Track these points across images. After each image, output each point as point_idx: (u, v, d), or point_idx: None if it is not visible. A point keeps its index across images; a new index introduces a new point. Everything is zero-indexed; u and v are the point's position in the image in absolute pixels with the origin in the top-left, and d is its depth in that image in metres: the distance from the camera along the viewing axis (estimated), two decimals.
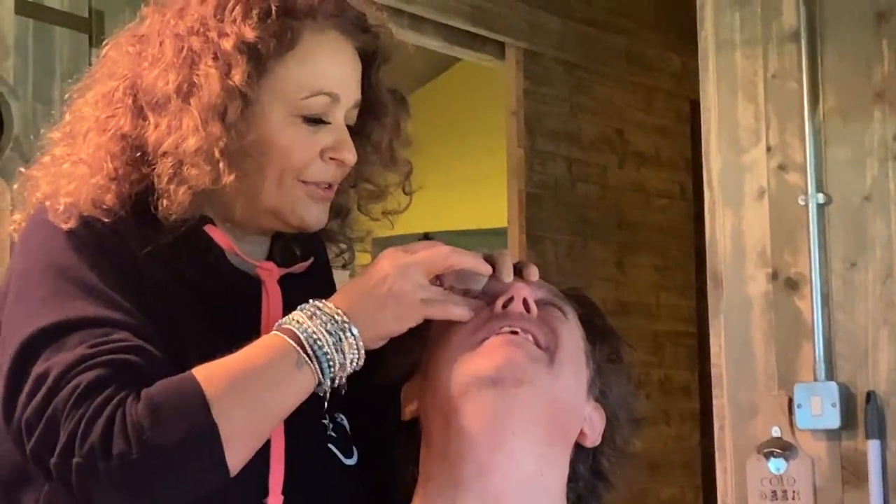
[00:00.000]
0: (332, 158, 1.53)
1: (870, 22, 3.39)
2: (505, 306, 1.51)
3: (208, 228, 1.52)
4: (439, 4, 4.43)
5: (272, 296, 1.55)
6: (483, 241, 5.08)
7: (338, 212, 1.63)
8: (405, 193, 1.66)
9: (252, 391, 1.37)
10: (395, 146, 1.63)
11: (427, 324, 1.49)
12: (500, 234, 5.18)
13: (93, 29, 4.16)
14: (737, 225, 3.51)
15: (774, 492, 3.42)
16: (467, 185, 6.16)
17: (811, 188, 3.42)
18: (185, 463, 1.34)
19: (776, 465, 3.41)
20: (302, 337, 1.40)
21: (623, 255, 5.32)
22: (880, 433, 3.32)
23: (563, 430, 1.51)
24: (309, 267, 1.61)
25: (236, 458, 1.36)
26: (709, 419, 5.75)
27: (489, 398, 1.45)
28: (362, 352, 1.43)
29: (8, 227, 1.58)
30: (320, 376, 1.41)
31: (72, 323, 1.39)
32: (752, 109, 3.51)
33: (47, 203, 1.49)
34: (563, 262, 4.99)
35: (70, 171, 1.51)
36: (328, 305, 1.43)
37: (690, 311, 5.68)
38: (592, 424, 1.55)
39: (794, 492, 3.40)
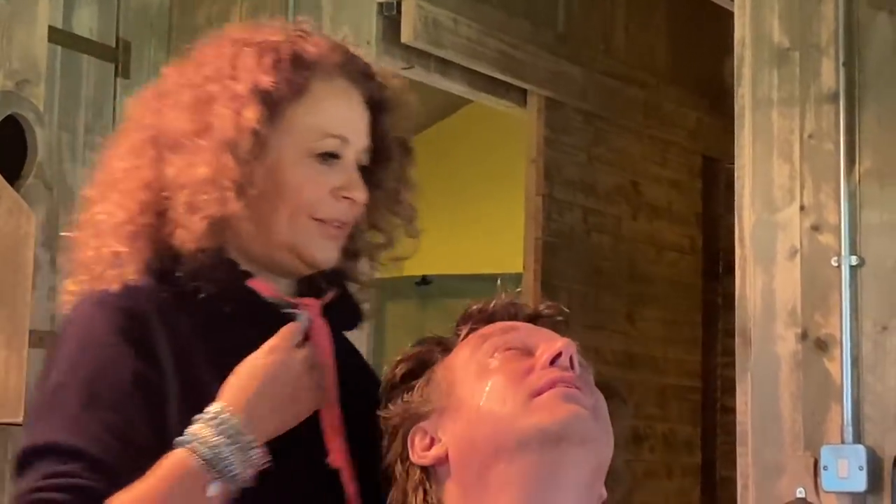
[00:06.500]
0: (343, 197, 1.60)
1: None
2: (552, 362, 1.45)
3: (251, 282, 1.59)
4: (466, 49, 4.43)
5: (320, 330, 1.61)
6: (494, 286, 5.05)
7: (352, 254, 1.71)
8: (409, 237, 1.73)
9: None
10: (400, 189, 1.71)
11: (428, 366, 1.53)
12: (510, 280, 5.15)
13: (119, 59, 4.15)
14: (767, 283, 3.50)
15: None
16: (477, 229, 6.14)
17: (844, 250, 3.41)
18: None
19: None
20: (208, 458, 1.45)
21: (633, 307, 5.31)
22: None
23: (598, 492, 1.46)
24: (336, 296, 1.67)
25: None
26: (708, 474, 5.78)
27: (548, 455, 1.39)
28: (259, 458, 1.48)
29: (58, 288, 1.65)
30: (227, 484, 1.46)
31: (38, 449, 1.45)
32: (787, 169, 3.50)
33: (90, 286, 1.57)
34: (575, 311, 4.92)
35: (104, 222, 1.59)
36: (233, 419, 1.47)
37: (696, 366, 5.68)
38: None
39: None
